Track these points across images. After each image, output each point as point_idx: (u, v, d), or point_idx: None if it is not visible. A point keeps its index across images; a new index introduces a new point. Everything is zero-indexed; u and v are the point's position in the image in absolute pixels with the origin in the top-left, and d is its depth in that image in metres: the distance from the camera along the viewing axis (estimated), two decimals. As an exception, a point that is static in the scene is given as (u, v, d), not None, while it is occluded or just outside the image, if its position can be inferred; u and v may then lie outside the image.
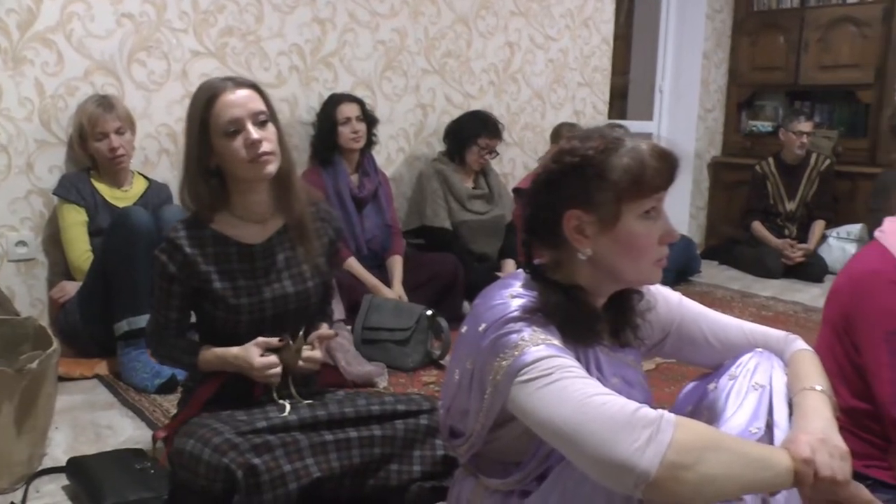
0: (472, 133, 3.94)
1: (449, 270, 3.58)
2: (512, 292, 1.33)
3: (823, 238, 5.17)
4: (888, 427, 1.54)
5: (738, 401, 1.33)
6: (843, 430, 1.59)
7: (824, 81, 5.63)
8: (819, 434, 1.16)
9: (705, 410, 1.40)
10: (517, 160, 4.62)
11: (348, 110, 3.55)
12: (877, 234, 1.67)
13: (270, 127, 1.82)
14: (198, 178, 1.81)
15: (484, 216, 4.00)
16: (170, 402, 2.54)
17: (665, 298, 1.51)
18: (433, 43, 4.19)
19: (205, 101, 1.79)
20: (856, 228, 5.07)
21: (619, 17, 5.98)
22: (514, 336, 1.23)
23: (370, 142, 3.68)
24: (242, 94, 1.80)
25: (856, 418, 1.62)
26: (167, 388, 2.66)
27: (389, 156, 4.13)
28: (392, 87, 4.08)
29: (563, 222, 1.30)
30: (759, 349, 1.43)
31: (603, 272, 1.33)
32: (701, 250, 5.60)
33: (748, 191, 5.40)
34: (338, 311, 2.99)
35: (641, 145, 1.30)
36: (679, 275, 4.64)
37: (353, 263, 3.47)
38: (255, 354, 1.82)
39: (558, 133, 4.31)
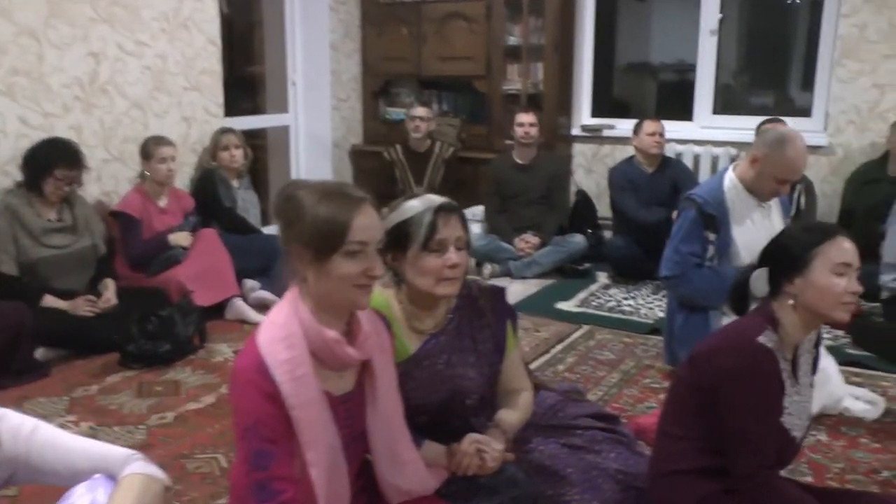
0: (47, 163, 3.64)
1: (14, 321, 3.26)
2: None
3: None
4: None
5: None
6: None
7: (444, 72, 5.97)
8: None
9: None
10: (120, 175, 4.38)
11: None
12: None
13: None
14: None
15: (65, 250, 3.71)
16: None
17: (14, 435, 1.49)
18: (-5, 60, 3.82)
19: None
20: (479, 210, 5.45)
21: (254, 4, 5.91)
22: None
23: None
24: None
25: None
26: None
27: (-42, 189, 3.75)
28: (-46, 112, 3.71)
29: None
30: (97, 475, 1.48)
31: None
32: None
33: (377, 177, 5.61)
34: None
35: None
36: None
37: None
38: None
39: (146, 148, 4.17)
